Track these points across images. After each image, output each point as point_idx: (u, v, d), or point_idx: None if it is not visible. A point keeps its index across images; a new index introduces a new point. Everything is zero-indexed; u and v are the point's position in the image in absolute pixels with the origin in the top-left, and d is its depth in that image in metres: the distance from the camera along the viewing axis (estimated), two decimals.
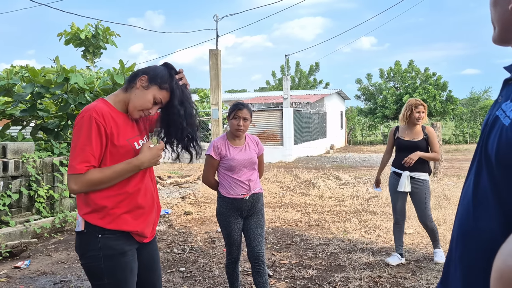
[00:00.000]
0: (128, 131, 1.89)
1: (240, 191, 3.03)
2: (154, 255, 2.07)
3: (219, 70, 11.26)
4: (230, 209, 3.06)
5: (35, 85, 6.51)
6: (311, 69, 39.77)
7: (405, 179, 4.17)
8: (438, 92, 25.70)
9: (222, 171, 3.10)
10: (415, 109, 4.19)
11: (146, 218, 1.95)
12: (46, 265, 4.45)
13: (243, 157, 3.05)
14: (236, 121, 3.00)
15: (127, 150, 1.85)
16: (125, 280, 1.86)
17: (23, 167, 5.66)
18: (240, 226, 3.13)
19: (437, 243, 4.37)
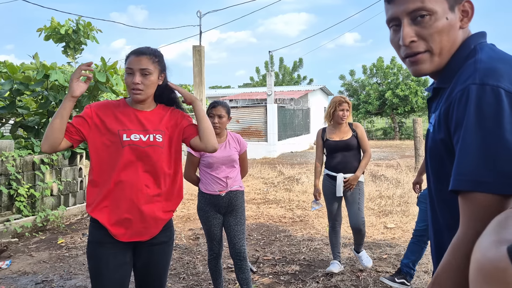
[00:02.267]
0: (128, 123, 1.96)
1: (217, 187, 3.10)
2: (153, 259, 2.04)
3: (203, 66, 11.21)
4: (208, 204, 3.14)
5: (14, 81, 6.39)
6: (295, 65, 39.89)
7: (341, 182, 3.87)
8: (420, 88, 26.07)
9: (202, 168, 3.18)
10: (338, 106, 3.90)
11: (120, 214, 1.91)
12: (27, 265, 4.40)
13: (222, 154, 3.09)
14: (211, 119, 3.03)
15: (116, 139, 1.93)
16: (99, 270, 1.92)
17: (3, 165, 5.56)
18: (220, 222, 3.18)
19: (361, 247, 4.08)
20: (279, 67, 39.55)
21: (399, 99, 25.97)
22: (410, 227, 5.55)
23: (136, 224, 1.94)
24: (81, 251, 4.85)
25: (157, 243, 2.03)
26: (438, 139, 1.00)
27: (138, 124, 1.97)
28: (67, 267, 4.32)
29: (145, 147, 1.95)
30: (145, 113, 2.01)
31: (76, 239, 5.39)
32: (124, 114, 1.98)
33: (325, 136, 4.02)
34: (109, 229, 1.91)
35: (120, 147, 1.92)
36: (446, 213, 1.02)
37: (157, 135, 1.98)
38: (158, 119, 2.03)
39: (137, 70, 1.91)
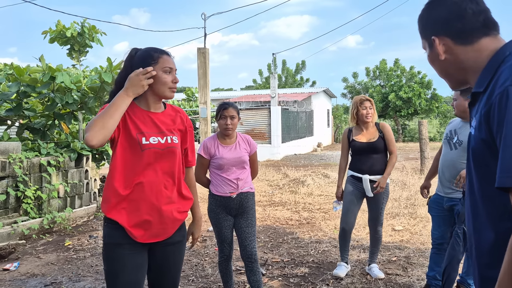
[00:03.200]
0: (144, 126, 1.96)
1: (228, 189, 3.08)
2: (168, 258, 2.04)
3: (207, 68, 11.22)
4: (219, 206, 3.12)
5: (21, 84, 6.39)
6: (298, 68, 39.90)
7: (368, 183, 3.80)
8: (423, 90, 26.05)
9: (212, 170, 3.16)
10: (360, 105, 3.82)
11: (140, 215, 1.91)
12: (35, 267, 4.39)
13: (232, 156, 3.08)
14: (223, 121, 3.06)
15: (135, 142, 1.93)
16: (116, 272, 1.92)
17: (10, 167, 5.56)
18: (231, 224, 3.16)
19: (375, 256, 4.02)
20: (282, 69, 39.55)
21: (402, 101, 25.93)
22: (418, 229, 5.52)
23: (156, 226, 1.94)
24: (88, 253, 4.84)
25: (172, 243, 2.03)
26: (480, 140, 1.07)
27: (154, 127, 1.98)
28: (75, 269, 4.31)
29: (164, 149, 1.97)
30: (158, 115, 2.02)
31: (83, 241, 5.38)
32: (139, 117, 1.98)
33: (351, 137, 3.93)
34: (129, 230, 1.91)
35: (140, 150, 1.93)
36: (490, 209, 1.06)
37: (173, 137, 2.01)
38: (171, 121, 2.06)
39: (174, 71, 2.00)
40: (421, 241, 5.02)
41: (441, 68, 1.23)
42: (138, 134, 1.93)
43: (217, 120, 3.11)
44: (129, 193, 1.91)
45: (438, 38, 1.18)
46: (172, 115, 2.08)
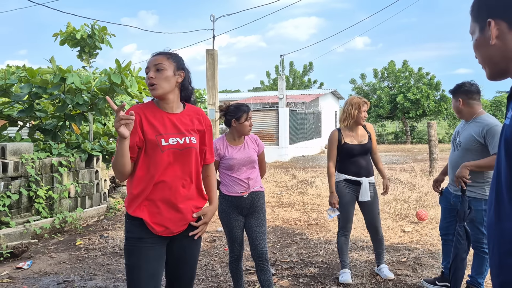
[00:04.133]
0: (162, 128, 2.02)
1: (239, 189, 3.10)
2: (185, 252, 2.11)
3: (216, 70, 11.28)
4: (230, 206, 3.14)
5: (32, 85, 6.48)
6: (305, 69, 39.86)
7: (367, 186, 3.75)
8: (432, 91, 25.89)
9: (222, 170, 3.18)
10: (361, 107, 3.77)
11: (159, 213, 2.00)
12: (48, 266, 4.45)
13: (242, 156, 3.12)
14: (248, 122, 3.11)
15: (154, 144, 1.99)
16: (138, 265, 1.99)
17: (23, 167, 5.64)
18: (241, 224, 3.18)
19: (382, 257, 3.98)
20: (289, 71, 39.55)
21: (410, 102, 25.80)
22: (427, 231, 5.51)
23: (175, 222, 2.04)
24: (99, 253, 4.89)
25: (189, 236, 2.10)
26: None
27: (173, 128, 2.04)
28: (86, 268, 4.36)
29: (183, 149, 2.03)
30: (177, 116, 2.08)
31: (94, 240, 5.44)
32: (158, 119, 2.04)
33: (342, 139, 3.82)
34: (151, 225, 1.99)
35: (160, 151, 1.99)
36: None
37: (192, 137, 2.07)
38: (190, 121, 2.12)
39: (152, 67, 2.03)
40: (431, 242, 5.01)
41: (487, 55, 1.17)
42: (158, 136, 2.00)
43: (240, 123, 3.09)
44: (150, 192, 1.99)
45: (494, 21, 1.13)
46: (191, 115, 2.14)
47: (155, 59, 2.03)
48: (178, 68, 2.07)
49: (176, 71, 2.05)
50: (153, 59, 2.04)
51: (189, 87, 2.16)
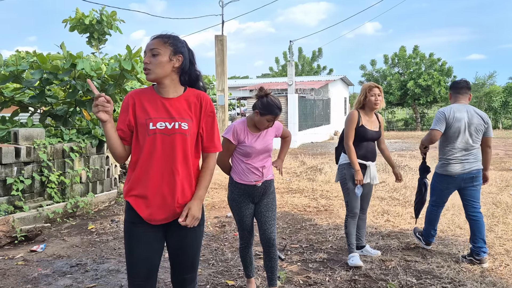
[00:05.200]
0: (153, 112, 2.02)
1: (253, 177, 3.00)
2: (183, 239, 2.10)
3: (225, 56, 11.23)
4: (242, 195, 3.06)
5: (43, 71, 6.51)
6: (314, 55, 39.55)
7: (375, 169, 3.93)
8: (443, 77, 25.58)
9: (236, 156, 3.06)
10: (369, 92, 3.81)
11: (146, 200, 2.01)
12: (61, 249, 4.53)
13: (260, 145, 3.01)
14: (268, 123, 2.96)
15: (144, 129, 2.01)
16: (131, 247, 2.05)
17: (35, 153, 5.71)
18: (252, 212, 3.13)
19: (364, 238, 4.18)
20: (298, 57, 39.26)
21: (421, 89, 25.53)
22: None
23: (167, 209, 2.03)
24: (111, 237, 4.96)
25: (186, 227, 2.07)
26: None
27: (164, 112, 2.02)
28: (99, 251, 4.43)
29: (170, 134, 2.00)
30: (172, 101, 2.05)
31: (106, 225, 5.52)
32: (151, 102, 2.04)
33: (361, 121, 3.86)
34: (140, 215, 2.02)
35: (146, 135, 2.00)
36: None
37: (183, 123, 2.01)
38: (186, 106, 2.06)
39: (148, 51, 2.02)
40: (440, 229, 5.00)
41: None
42: (147, 119, 2.01)
43: (260, 116, 2.93)
44: (139, 178, 2.01)
45: None
46: (189, 100, 2.08)
47: (152, 43, 2.02)
48: (175, 52, 2.02)
49: (172, 55, 2.01)
50: (150, 43, 2.02)
51: (191, 71, 2.11)
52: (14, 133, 5.75)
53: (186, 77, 2.10)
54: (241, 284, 3.50)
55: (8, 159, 5.35)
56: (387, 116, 31.18)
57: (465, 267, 3.78)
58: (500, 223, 5.18)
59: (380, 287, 3.41)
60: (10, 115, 6.96)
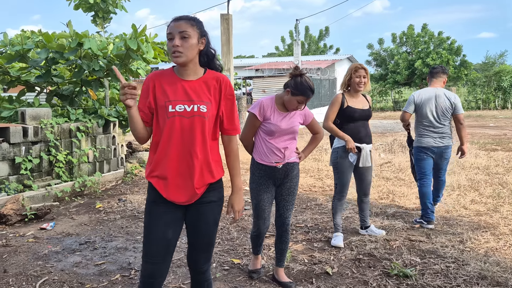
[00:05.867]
0: (173, 94, 2.02)
1: (274, 158, 2.92)
2: (201, 217, 2.12)
3: (231, 35, 11.12)
4: (262, 176, 2.97)
5: (49, 50, 6.50)
6: (321, 34, 39.05)
7: (368, 152, 3.87)
8: (452, 57, 25.21)
9: (260, 135, 2.96)
10: (354, 73, 3.79)
11: (167, 181, 2.03)
12: (70, 227, 4.61)
13: (286, 125, 2.91)
14: (298, 104, 2.87)
15: (163, 111, 2.02)
16: (150, 226, 2.07)
17: (42, 132, 5.75)
18: (271, 197, 3.02)
19: (368, 218, 4.21)
20: (305, 36, 38.78)
21: (429, 68, 25.20)
22: (442, 198, 5.50)
23: (187, 192, 2.05)
24: (118, 215, 5.03)
25: (206, 202, 2.11)
26: None
27: (183, 95, 2.02)
28: (107, 230, 4.51)
29: (189, 117, 2.00)
30: (191, 83, 2.05)
31: (113, 204, 5.59)
32: (171, 85, 2.04)
33: (346, 103, 3.84)
34: (162, 194, 2.04)
35: (166, 117, 2.00)
36: None
37: (201, 106, 2.02)
38: (206, 89, 2.06)
39: (176, 34, 1.97)
40: (446, 209, 5.02)
41: None
42: (167, 102, 2.01)
43: (291, 96, 2.84)
44: (160, 160, 2.03)
45: None
46: (209, 82, 2.08)
47: (179, 25, 1.97)
48: (201, 35, 2.03)
49: (199, 38, 2.02)
50: (177, 24, 1.97)
51: (209, 52, 2.12)
52: (21, 113, 5.78)
53: (205, 57, 2.11)
54: (247, 262, 3.56)
55: (16, 139, 5.40)
56: (394, 96, 30.91)
57: (469, 247, 3.81)
58: (506, 204, 5.19)
59: (384, 266, 3.45)
60: (16, 94, 6.99)
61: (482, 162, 7.94)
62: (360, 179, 4.04)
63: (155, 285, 2.08)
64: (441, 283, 3.11)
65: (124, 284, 3.21)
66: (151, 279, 2.07)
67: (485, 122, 19.15)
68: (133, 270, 3.44)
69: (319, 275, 3.32)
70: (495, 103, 27.31)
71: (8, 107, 6.38)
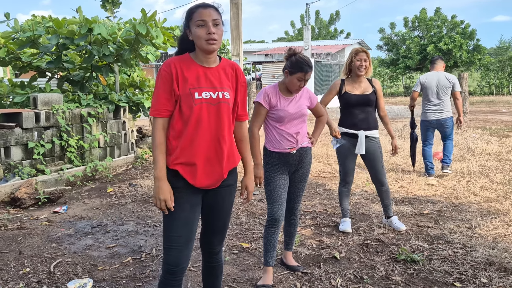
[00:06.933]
0: (196, 81, 2.02)
1: (287, 144, 2.89)
2: (219, 200, 2.17)
3: (240, 20, 11.03)
4: (277, 164, 2.92)
5: (60, 36, 6.53)
6: (332, 18, 38.54)
7: (363, 139, 3.79)
8: (465, 41, 24.74)
9: (269, 123, 2.93)
10: (355, 56, 3.73)
11: (196, 168, 2.03)
12: (82, 211, 4.70)
13: (294, 109, 2.89)
14: (299, 82, 2.83)
15: (188, 98, 2.01)
16: (173, 213, 2.07)
17: (54, 118, 5.82)
18: (285, 184, 2.95)
19: (390, 208, 4.06)
20: (315, 20, 38.32)
21: (442, 53, 24.77)
22: (452, 184, 5.49)
23: (215, 176, 2.09)
24: (129, 200, 5.11)
25: (225, 186, 2.16)
26: None
27: (207, 82, 2.05)
28: (118, 213, 4.59)
29: (216, 104, 2.03)
30: (212, 70, 2.08)
31: (124, 188, 5.67)
32: (192, 71, 2.04)
33: (344, 89, 3.81)
34: (189, 181, 2.04)
35: (193, 105, 2.00)
36: None
37: (225, 92, 2.07)
38: (224, 76, 2.11)
39: (210, 21, 1.98)
40: (455, 196, 5.01)
41: None
42: (192, 89, 2.01)
43: (290, 76, 2.83)
44: (186, 147, 2.02)
45: None
46: (226, 70, 2.12)
47: (211, 13, 1.98)
48: (223, 23, 2.07)
49: (223, 26, 2.06)
50: (209, 12, 1.98)
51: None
52: (33, 98, 5.85)
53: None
54: (256, 247, 3.61)
55: (29, 124, 5.48)
56: (405, 81, 30.55)
57: (478, 233, 3.81)
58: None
59: (391, 251, 3.48)
60: (28, 80, 7.06)
61: (494, 148, 7.87)
62: (368, 167, 3.99)
63: (178, 273, 2.08)
64: (448, 269, 3.13)
65: (135, 266, 3.28)
66: (175, 267, 2.06)
67: (497, 107, 18.88)
68: (143, 253, 3.51)
69: (326, 259, 3.36)
70: (509, 88, 26.84)
71: (20, 93, 6.46)
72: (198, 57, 2.07)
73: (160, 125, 2.02)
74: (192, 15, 2.01)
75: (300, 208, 3.17)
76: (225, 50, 20.04)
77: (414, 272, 3.10)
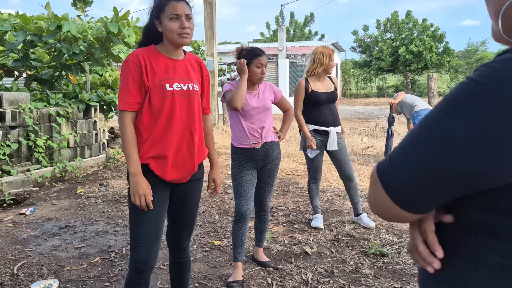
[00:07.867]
0: (164, 74, 2.00)
1: (252, 139, 2.89)
2: (188, 194, 2.15)
3: (214, 20, 11.00)
4: (243, 160, 2.92)
5: (27, 33, 6.35)
6: (306, 20, 38.88)
7: (335, 136, 3.86)
8: (435, 44, 25.38)
9: (234, 119, 2.93)
10: (331, 56, 3.87)
11: (165, 162, 2.00)
12: (50, 212, 4.57)
13: (257, 103, 2.90)
14: (259, 69, 2.84)
15: (159, 90, 1.97)
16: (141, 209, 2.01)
17: (20, 117, 5.65)
18: (252, 179, 2.94)
19: (360, 205, 4.07)
20: (290, 22, 38.58)
21: (412, 55, 25.36)
22: None
23: (186, 169, 2.07)
24: (100, 200, 5.01)
25: (194, 180, 2.15)
26: None
27: (176, 74, 2.03)
28: (87, 214, 4.49)
29: (186, 95, 2.03)
30: (180, 62, 2.08)
31: (94, 189, 5.55)
32: (160, 63, 2.02)
33: (310, 88, 3.85)
34: (158, 174, 2.00)
35: (165, 96, 1.97)
36: None
37: (194, 85, 2.07)
38: (191, 69, 2.12)
39: (183, 15, 1.97)
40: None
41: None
42: (162, 81, 1.98)
43: (249, 67, 2.84)
44: (158, 139, 1.98)
45: None
46: (192, 63, 2.14)
47: (183, 7, 1.98)
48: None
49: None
50: (181, 7, 1.97)
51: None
52: None
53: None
54: (227, 244, 3.59)
55: None
56: (378, 83, 31.11)
57: None
58: None
59: (362, 245, 3.52)
60: None
61: None
62: (336, 163, 4.00)
63: (146, 271, 2.03)
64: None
65: (104, 266, 3.21)
66: (144, 265, 2.01)
67: None
68: (113, 253, 3.44)
69: (298, 255, 3.37)
70: None
71: None
72: (167, 49, 2.05)
73: (129, 119, 1.96)
74: (164, 7, 1.97)
75: (269, 204, 3.17)
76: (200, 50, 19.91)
77: (383, 265, 3.15)
